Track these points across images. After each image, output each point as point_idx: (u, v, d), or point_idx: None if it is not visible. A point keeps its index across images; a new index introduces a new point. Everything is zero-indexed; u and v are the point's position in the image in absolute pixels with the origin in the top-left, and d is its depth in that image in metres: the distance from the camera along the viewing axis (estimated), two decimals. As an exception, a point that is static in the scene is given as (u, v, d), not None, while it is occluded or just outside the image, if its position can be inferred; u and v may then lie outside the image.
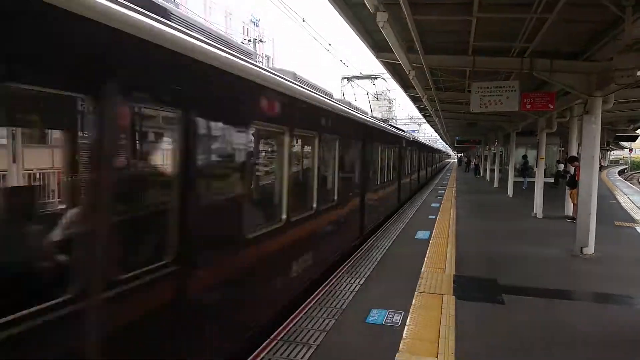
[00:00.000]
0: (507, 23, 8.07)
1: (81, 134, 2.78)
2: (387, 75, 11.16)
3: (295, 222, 5.81)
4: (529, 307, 6.07)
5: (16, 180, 3.52)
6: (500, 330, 5.25)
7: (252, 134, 4.64)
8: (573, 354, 4.75)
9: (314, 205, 6.68)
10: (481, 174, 37.47)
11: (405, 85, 16.17)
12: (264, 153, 5.63)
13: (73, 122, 2.81)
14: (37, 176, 4.38)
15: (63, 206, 3.29)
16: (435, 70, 11.88)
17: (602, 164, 48.29)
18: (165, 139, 3.60)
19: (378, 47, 10.57)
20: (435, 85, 13.41)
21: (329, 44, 31.24)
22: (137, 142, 3.40)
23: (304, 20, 17.74)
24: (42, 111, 2.79)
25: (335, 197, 7.88)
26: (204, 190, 3.80)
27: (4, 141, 3.25)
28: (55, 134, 3.48)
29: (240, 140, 4.35)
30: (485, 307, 6.02)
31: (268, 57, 30.89)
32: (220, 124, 4.02)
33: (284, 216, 5.47)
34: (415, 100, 19.72)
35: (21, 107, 2.63)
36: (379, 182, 12.45)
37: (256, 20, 32.12)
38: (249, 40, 29.97)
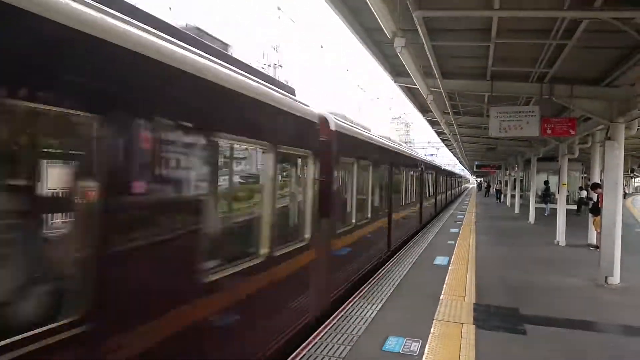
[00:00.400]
0: (526, 49, 8.07)
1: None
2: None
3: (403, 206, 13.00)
4: (551, 338, 5.86)
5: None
6: (522, 362, 5.07)
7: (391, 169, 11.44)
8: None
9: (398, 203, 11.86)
10: (502, 200, 36.87)
11: (423, 109, 16.20)
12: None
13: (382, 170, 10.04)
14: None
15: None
16: (453, 95, 11.89)
17: (626, 192, 47.11)
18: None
19: (396, 71, 10.65)
20: (453, 109, 13.40)
21: (347, 70, 31.68)
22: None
23: (322, 47, 18.05)
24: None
25: (409, 201, 14.54)
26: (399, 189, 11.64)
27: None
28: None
29: (393, 172, 11.20)
30: (507, 337, 5.84)
31: (287, 81, 31.33)
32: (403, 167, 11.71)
33: (402, 203, 12.85)
34: (434, 124, 19.70)
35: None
36: (429, 195, 19.01)
37: (276, 46, 32.78)
38: (269, 66, 30.53)
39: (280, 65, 32.32)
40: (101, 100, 2.63)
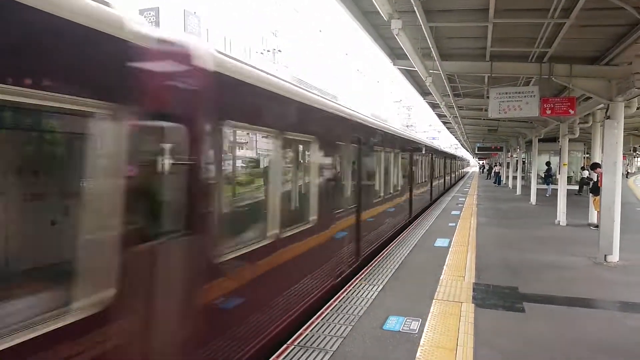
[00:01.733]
0: (525, 28, 8.03)
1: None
2: None
3: (420, 184, 17.38)
4: (550, 315, 5.96)
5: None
6: (520, 339, 5.16)
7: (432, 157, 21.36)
8: (595, 363, 4.65)
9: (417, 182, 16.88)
10: (503, 182, 36.78)
11: (424, 92, 16.16)
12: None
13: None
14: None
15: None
16: (452, 77, 11.85)
17: (628, 171, 46.99)
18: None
19: (395, 54, 10.61)
20: (453, 91, 13.36)
21: (346, 54, 31.51)
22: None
23: (320, 31, 17.96)
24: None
25: (423, 180, 17.97)
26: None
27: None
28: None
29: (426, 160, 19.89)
30: (505, 315, 5.93)
31: (286, 67, 31.15)
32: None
33: (421, 180, 17.84)
34: (434, 106, 19.66)
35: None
36: (437, 175, 22.80)
37: (275, 31, 32.52)
38: (268, 51, 30.37)
39: (279, 50, 32.12)
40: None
